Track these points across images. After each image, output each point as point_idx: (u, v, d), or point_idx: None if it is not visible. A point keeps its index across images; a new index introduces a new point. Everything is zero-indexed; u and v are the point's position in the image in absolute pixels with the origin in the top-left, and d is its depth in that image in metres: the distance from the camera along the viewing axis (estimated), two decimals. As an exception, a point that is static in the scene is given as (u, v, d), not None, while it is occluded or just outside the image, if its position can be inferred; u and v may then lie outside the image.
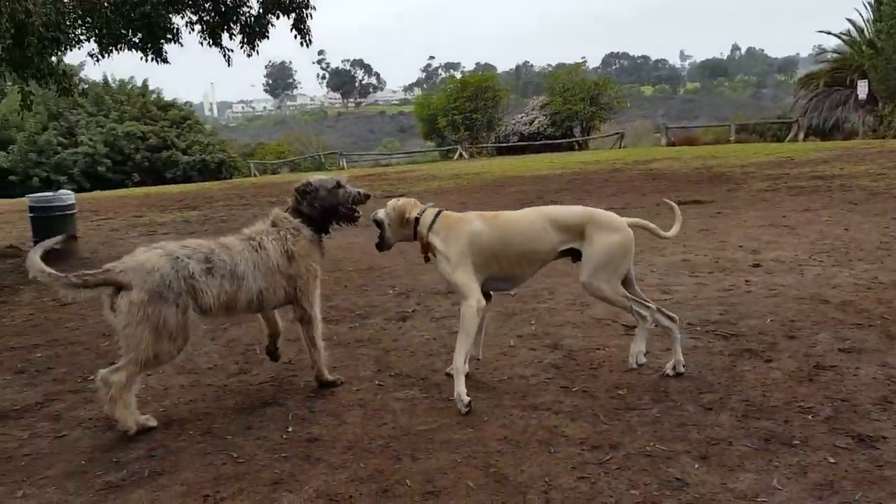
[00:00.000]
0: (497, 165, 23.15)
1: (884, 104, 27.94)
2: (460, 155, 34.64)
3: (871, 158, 15.41)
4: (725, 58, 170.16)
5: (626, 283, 4.08)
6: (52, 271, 3.50)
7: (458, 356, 3.73)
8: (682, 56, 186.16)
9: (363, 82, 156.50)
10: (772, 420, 3.32)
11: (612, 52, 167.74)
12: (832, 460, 2.93)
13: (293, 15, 9.47)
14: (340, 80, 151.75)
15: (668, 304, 5.29)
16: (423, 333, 5.11)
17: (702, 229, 8.42)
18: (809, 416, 3.34)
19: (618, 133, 32.88)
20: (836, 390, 3.61)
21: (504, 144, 35.35)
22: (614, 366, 4.17)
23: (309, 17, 9.56)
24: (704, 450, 3.08)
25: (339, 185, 4.16)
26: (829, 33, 36.12)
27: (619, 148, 30.44)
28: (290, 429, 3.57)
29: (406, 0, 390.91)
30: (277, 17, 9.65)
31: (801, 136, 29.55)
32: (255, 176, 34.75)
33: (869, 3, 32.02)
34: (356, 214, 4.20)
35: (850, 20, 34.29)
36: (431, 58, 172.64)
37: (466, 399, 3.65)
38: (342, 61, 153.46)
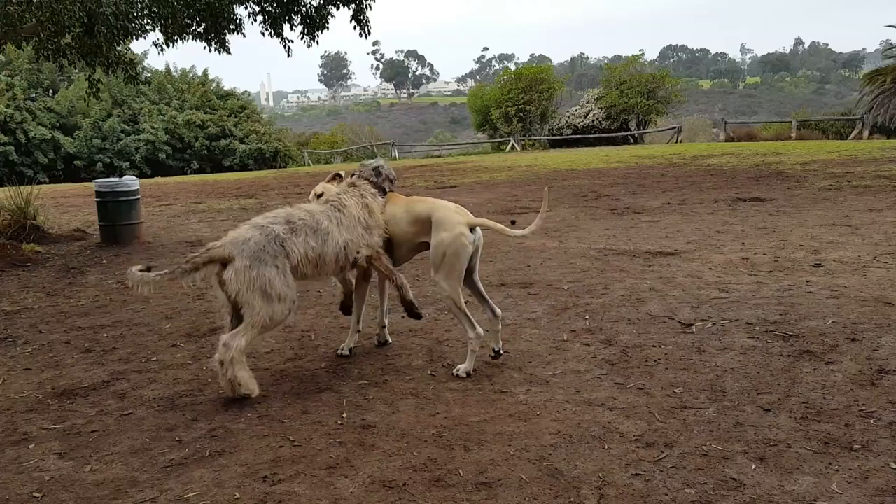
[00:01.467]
0: (550, 158, 22.98)
1: (957, 101, 26.75)
2: (512, 147, 34.50)
3: (942, 157, 14.82)
4: (788, 52, 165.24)
5: (470, 284, 4.39)
6: (160, 272, 3.82)
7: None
8: (743, 50, 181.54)
9: (416, 73, 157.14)
10: (832, 423, 3.25)
11: (670, 45, 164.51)
12: (895, 466, 2.85)
13: (353, 6, 9.57)
14: (394, 71, 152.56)
15: (727, 303, 5.21)
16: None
17: (761, 227, 8.22)
18: (871, 421, 3.25)
19: (674, 127, 32.25)
20: (901, 396, 3.50)
21: (557, 137, 35.04)
22: (670, 363, 4.12)
23: (368, 9, 9.65)
24: (762, 451, 3.03)
25: None
26: (899, 27, 34.69)
27: (676, 142, 29.86)
28: (344, 415, 3.64)
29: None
30: (338, 9, 9.76)
31: (866, 133, 28.53)
32: (308, 165, 35.25)
33: (944, -5, 30.68)
34: None
35: (923, 13, 32.92)
36: (485, 49, 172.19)
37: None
38: (396, 52, 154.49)
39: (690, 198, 11.18)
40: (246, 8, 9.93)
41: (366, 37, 9.83)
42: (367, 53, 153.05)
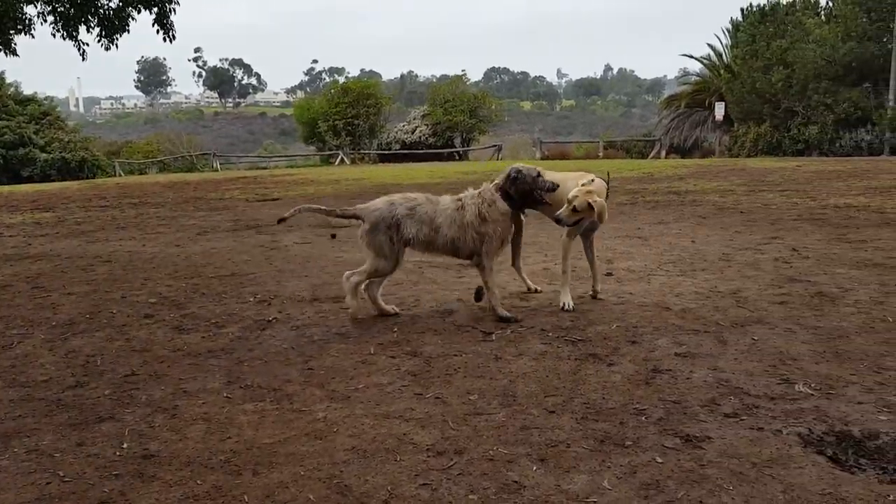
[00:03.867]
0: (378, 172, 23.14)
1: (738, 125, 30.19)
2: (342, 160, 34.37)
3: (723, 176, 16.60)
4: (599, 77, 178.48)
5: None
6: (322, 207, 5.82)
7: None
8: (559, 74, 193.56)
9: (242, 82, 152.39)
10: (608, 422, 3.48)
11: (493, 67, 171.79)
12: (660, 460, 3.09)
13: (155, 9, 9.04)
14: (218, 80, 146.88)
15: (526, 311, 5.45)
16: (282, 343, 4.98)
17: (564, 239, 8.73)
18: (643, 418, 3.52)
19: (495, 145, 33.70)
20: (669, 393, 3.83)
21: (386, 152, 35.40)
22: (469, 371, 4.23)
23: (172, 13, 9.16)
24: (544, 452, 3.17)
25: (539, 175, 5.29)
26: (691, 57, 38.77)
27: (498, 160, 31.19)
28: (125, 445, 3.38)
29: (291, 2, 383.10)
30: (139, 11, 9.18)
31: (664, 153, 31.42)
32: (119, 176, 32.97)
33: (727, 30, 34.62)
34: (545, 201, 5.33)
35: (710, 45, 36.92)
36: (315, 61, 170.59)
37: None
38: (220, 60, 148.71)
39: (504, 212, 11.66)
40: (36, 7, 9.08)
41: (170, 41, 9.34)
42: (189, 60, 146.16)
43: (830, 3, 29.08)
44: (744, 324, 4.96)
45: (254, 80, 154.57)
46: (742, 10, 31.36)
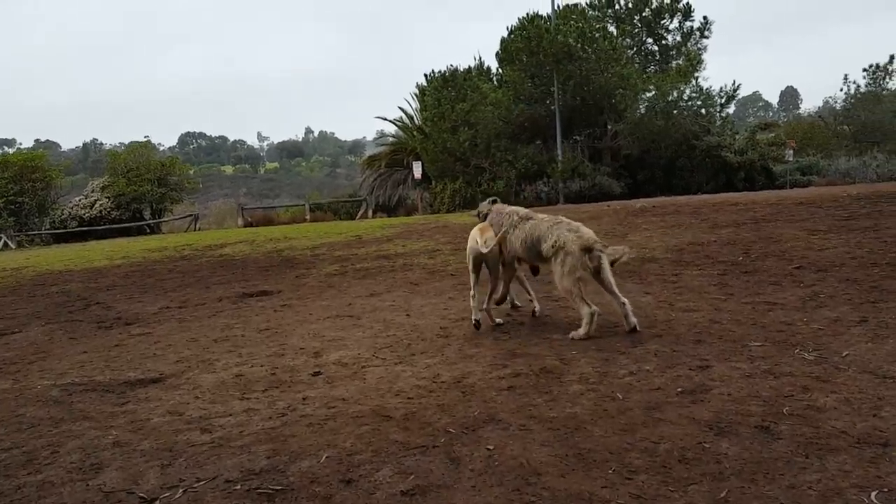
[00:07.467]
0: (46, 257, 19.64)
1: (436, 182, 31.46)
2: (5, 244, 29.20)
3: (428, 234, 16.53)
4: (301, 140, 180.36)
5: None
6: None
7: None
8: (260, 137, 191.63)
9: None
10: None
11: (188, 132, 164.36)
12: None
13: None
14: None
15: (207, 451, 4.10)
16: None
17: (264, 329, 7.46)
18: None
19: (191, 215, 31.20)
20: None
21: (61, 231, 30.88)
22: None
23: None
24: None
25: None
26: (384, 119, 40.12)
27: (195, 230, 28.80)
28: None
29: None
30: None
31: (370, 212, 31.63)
32: None
33: (415, 95, 36.36)
34: None
35: (402, 109, 38.48)
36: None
37: None
38: None
39: (193, 298, 10.03)
40: None
41: None
42: None
43: (500, 70, 31.85)
44: (475, 426, 4.17)
45: None
46: (426, 75, 33.06)
